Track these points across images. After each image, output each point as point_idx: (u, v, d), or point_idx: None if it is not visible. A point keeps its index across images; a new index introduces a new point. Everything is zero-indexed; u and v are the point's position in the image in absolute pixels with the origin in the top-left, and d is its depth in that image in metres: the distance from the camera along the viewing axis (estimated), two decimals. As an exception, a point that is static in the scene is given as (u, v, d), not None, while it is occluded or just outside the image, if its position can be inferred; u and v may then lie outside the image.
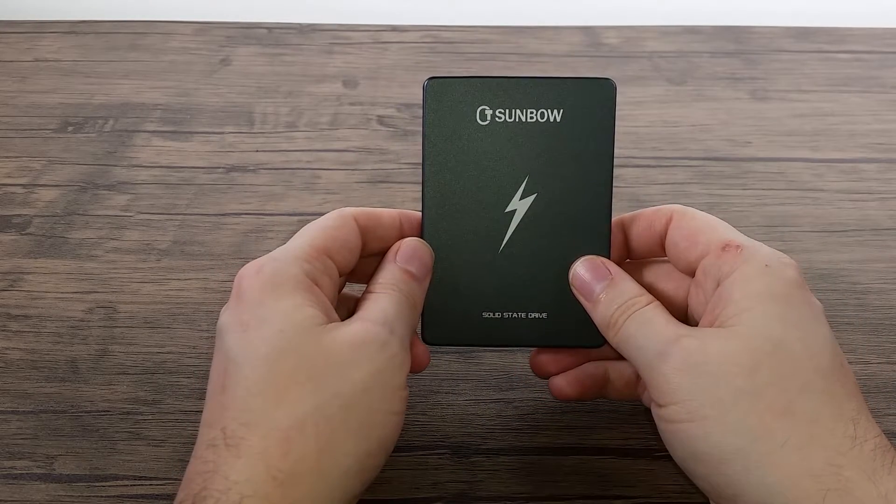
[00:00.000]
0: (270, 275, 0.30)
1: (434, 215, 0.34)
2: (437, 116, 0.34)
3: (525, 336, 0.35)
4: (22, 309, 0.43)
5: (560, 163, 0.34)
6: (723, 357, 0.29)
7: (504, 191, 0.34)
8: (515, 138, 0.34)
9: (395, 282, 0.32)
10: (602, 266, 0.33)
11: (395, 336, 0.30)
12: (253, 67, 0.60)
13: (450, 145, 0.34)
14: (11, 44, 0.62)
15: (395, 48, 0.62)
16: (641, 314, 0.31)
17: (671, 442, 0.30)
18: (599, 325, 0.33)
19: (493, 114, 0.34)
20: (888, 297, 0.44)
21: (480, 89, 0.34)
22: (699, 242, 0.33)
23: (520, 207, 0.34)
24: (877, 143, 0.54)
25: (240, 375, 0.28)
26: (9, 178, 0.51)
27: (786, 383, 0.28)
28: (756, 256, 0.31)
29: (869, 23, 0.65)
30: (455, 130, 0.34)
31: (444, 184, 0.34)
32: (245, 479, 0.26)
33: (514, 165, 0.34)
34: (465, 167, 0.34)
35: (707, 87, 0.59)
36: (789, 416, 0.27)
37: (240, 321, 0.30)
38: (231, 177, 0.51)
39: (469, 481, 0.36)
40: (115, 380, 0.40)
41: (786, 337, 0.29)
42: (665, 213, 0.34)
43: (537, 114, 0.34)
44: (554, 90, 0.34)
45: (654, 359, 0.30)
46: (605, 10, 0.68)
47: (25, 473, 0.36)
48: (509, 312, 0.34)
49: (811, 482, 0.26)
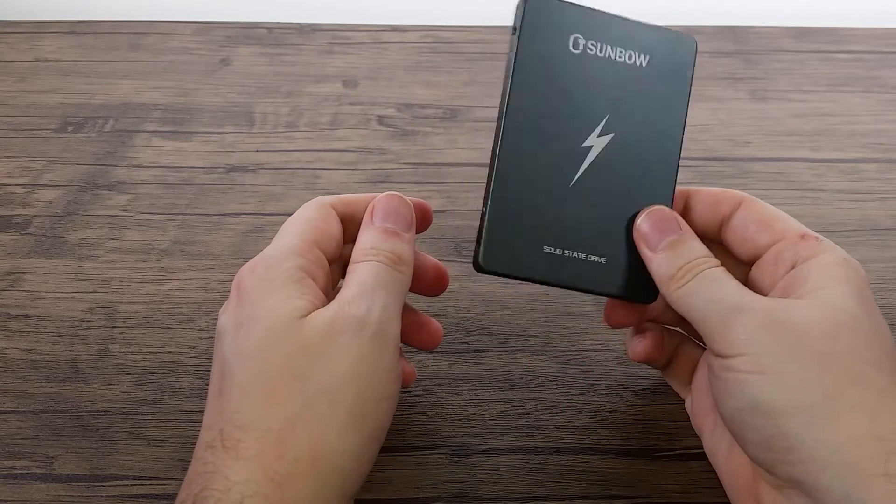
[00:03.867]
0: (264, 272, 0.30)
1: (512, 137, 0.32)
2: (531, 35, 0.33)
3: (580, 279, 0.33)
4: (22, 309, 0.43)
5: (640, 108, 0.34)
6: (805, 320, 0.29)
7: (584, 125, 0.33)
8: (603, 74, 0.33)
9: (373, 243, 0.32)
10: (672, 219, 0.33)
11: (375, 311, 0.29)
12: (253, 67, 0.60)
13: (539, 67, 0.33)
14: (11, 44, 0.62)
15: (395, 48, 0.62)
16: (712, 273, 0.31)
17: (730, 391, 0.30)
18: (660, 277, 0.32)
19: (585, 44, 0.33)
20: (888, 297, 0.44)
21: (579, 16, 0.33)
22: (774, 229, 0.33)
23: (597, 144, 0.33)
24: (877, 143, 0.54)
25: (234, 377, 0.29)
26: (9, 178, 0.51)
27: (861, 354, 0.28)
28: (836, 249, 0.32)
29: (869, 23, 0.65)
30: (547, 53, 0.33)
31: (527, 106, 0.33)
32: (245, 479, 0.26)
33: (598, 101, 0.33)
34: (550, 92, 0.33)
35: (707, 87, 0.59)
36: (862, 384, 0.28)
37: (235, 322, 0.30)
38: (231, 177, 0.51)
39: (469, 481, 0.36)
40: (115, 380, 0.40)
41: (862, 316, 0.29)
42: (735, 197, 0.34)
43: (626, 55, 0.33)
44: (645, 35, 0.34)
45: (729, 311, 0.30)
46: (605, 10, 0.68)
47: (25, 473, 0.36)
48: (570, 251, 0.33)
49: (876, 444, 0.27)
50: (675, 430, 0.38)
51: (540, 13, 0.33)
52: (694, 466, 0.37)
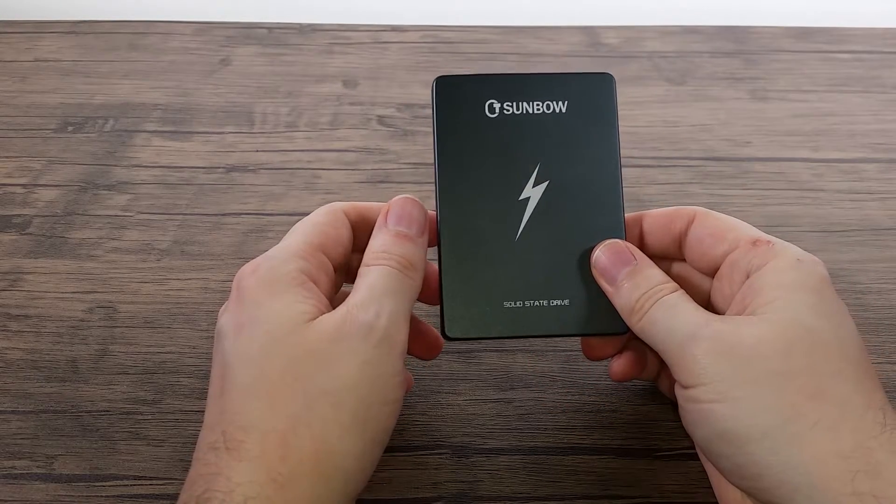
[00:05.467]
0: (266, 273, 0.30)
1: (449, 209, 0.34)
2: (446, 113, 0.34)
3: (548, 325, 0.34)
4: (22, 309, 0.43)
5: (569, 150, 0.34)
6: (755, 340, 0.29)
7: (516, 179, 0.34)
8: (524, 128, 0.34)
9: (386, 247, 0.31)
10: (626, 251, 0.33)
11: (383, 316, 0.29)
12: (253, 67, 0.60)
13: (460, 139, 0.34)
14: (11, 44, 0.62)
15: (395, 48, 0.62)
16: (668, 300, 0.31)
17: (696, 422, 0.30)
18: (622, 310, 0.32)
19: (500, 106, 0.34)
20: (888, 297, 0.44)
21: (488, 84, 0.34)
22: (726, 239, 0.33)
23: (533, 194, 0.34)
24: (877, 143, 0.54)
25: (235, 378, 0.28)
26: (9, 178, 0.51)
27: (818, 368, 0.28)
28: (787, 251, 0.31)
29: (869, 23, 0.65)
30: (465, 125, 0.34)
31: (456, 177, 0.34)
32: (248, 480, 0.26)
33: (525, 154, 0.34)
34: (476, 159, 0.34)
35: (707, 87, 0.59)
36: (820, 399, 0.27)
37: (236, 323, 0.30)
38: (231, 177, 0.51)
39: (469, 481, 0.36)
40: (115, 380, 0.40)
41: (818, 325, 0.29)
42: (687, 213, 0.34)
43: (543, 105, 0.34)
44: (557, 84, 0.35)
45: (685, 341, 0.30)
46: (605, 10, 0.68)
47: (25, 473, 0.36)
48: (531, 300, 0.34)
49: (841, 463, 0.26)
50: (675, 430, 0.38)
51: (450, 90, 0.34)
52: (694, 466, 0.37)
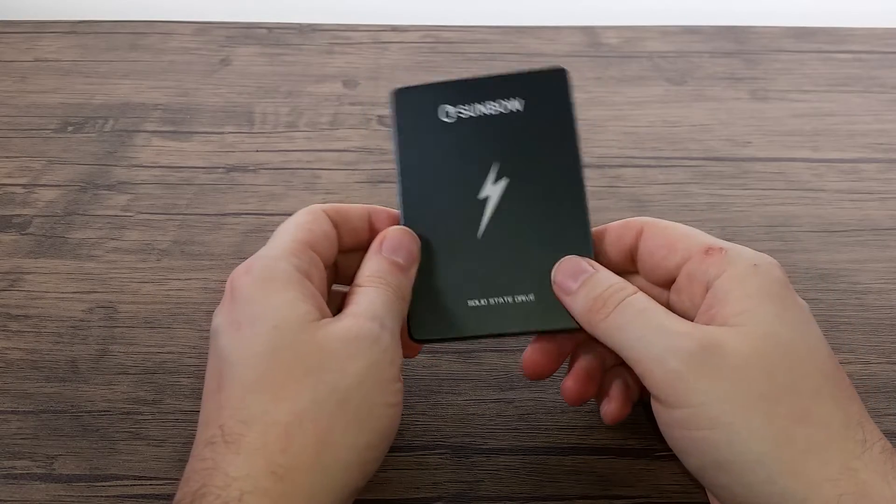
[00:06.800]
0: (261, 272, 0.31)
1: (410, 212, 0.34)
2: (404, 121, 0.35)
3: (514, 322, 0.33)
4: (22, 309, 0.43)
5: (528, 147, 0.34)
6: (740, 360, 0.28)
7: (475, 179, 0.34)
8: (480, 129, 0.35)
9: (381, 274, 0.32)
10: (582, 263, 0.33)
11: (386, 330, 0.30)
12: (253, 67, 0.60)
13: (419, 145, 0.35)
14: (11, 44, 0.62)
15: (395, 48, 0.62)
16: (634, 301, 0.30)
17: (689, 451, 0.29)
18: (579, 313, 0.31)
19: (455, 111, 0.35)
20: (888, 297, 0.44)
21: (441, 91, 0.35)
22: (678, 249, 0.32)
23: (493, 193, 0.34)
24: (877, 143, 0.54)
25: (236, 374, 0.28)
26: (9, 178, 0.51)
27: (799, 387, 0.28)
28: (742, 257, 0.31)
29: (869, 23, 0.65)
30: (423, 131, 0.35)
31: (416, 182, 0.34)
32: (245, 474, 0.26)
33: (483, 153, 0.34)
34: (435, 162, 0.34)
35: (707, 87, 0.59)
36: (806, 422, 0.27)
37: (232, 321, 0.30)
38: (231, 177, 0.51)
39: (469, 481, 0.36)
40: (115, 380, 0.40)
41: (791, 339, 0.29)
42: (634, 226, 0.34)
43: (498, 106, 0.35)
44: (511, 83, 0.35)
45: (664, 354, 0.29)
46: (605, 10, 0.68)
47: (25, 473, 0.36)
48: (495, 297, 0.33)
49: (829, 487, 0.26)
50: (675, 430, 0.38)
51: (406, 99, 0.35)
52: (694, 466, 0.37)
